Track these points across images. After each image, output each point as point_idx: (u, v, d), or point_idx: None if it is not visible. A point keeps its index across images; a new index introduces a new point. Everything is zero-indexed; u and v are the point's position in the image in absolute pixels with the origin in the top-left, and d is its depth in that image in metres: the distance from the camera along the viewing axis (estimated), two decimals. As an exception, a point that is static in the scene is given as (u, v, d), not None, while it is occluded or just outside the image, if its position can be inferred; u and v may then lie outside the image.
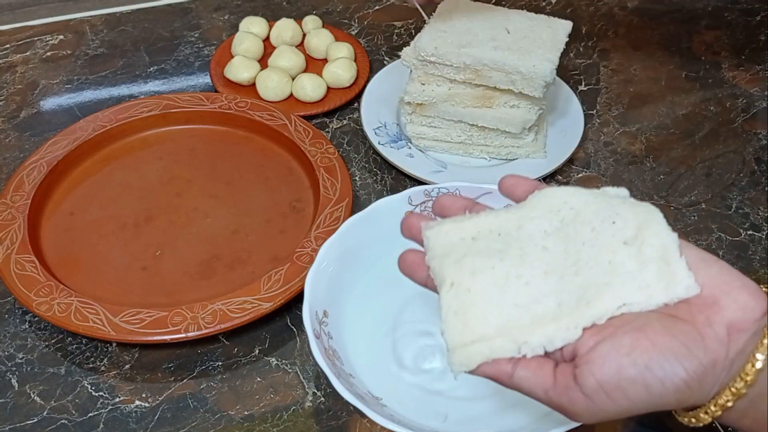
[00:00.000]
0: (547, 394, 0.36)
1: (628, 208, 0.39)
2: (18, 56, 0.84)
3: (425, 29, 0.67)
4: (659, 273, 0.36)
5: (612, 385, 0.34)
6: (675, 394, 0.34)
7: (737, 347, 0.34)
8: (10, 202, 0.63)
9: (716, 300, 0.35)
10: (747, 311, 0.35)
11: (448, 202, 0.44)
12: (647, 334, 0.34)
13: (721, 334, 0.34)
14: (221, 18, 0.90)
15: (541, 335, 0.36)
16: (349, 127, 0.76)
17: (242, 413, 0.54)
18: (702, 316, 0.35)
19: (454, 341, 0.37)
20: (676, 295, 0.36)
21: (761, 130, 0.77)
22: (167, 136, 0.73)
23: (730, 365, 0.34)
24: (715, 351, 0.34)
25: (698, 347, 0.34)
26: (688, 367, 0.34)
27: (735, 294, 0.35)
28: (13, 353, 0.57)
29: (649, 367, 0.33)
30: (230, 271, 0.62)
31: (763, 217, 0.68)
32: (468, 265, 0.39)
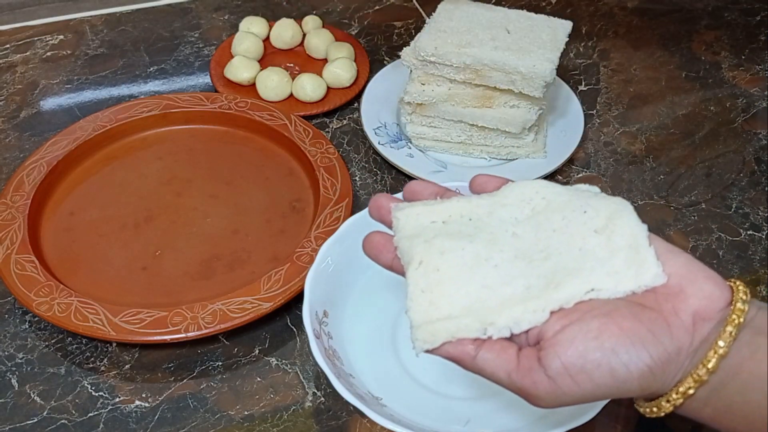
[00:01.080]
0: (509, 377, 0.36)
1: (600, 200, 0.40)
2: (18, 56, 0.84)
3: (425, 29, 0.67)
4: (628, 261, 0.36)
5: (577, 368, 0.34)
6: (639, 380, 0.34)
7: (701, 336, 0.35)
8: (10, 202, 0.63)
9: (682, 289, 0.36)
10: (712, 300, 0.35)
11: (419, 187, 0.44)
12: (615, 319, 0.35)
13: (686, 323, 0.35)
14: (221, 18, 0.90)
15: (508, 316, 0.36)
16: (349, 127, 0.76)
17: (242, 413, 0.54)
18: (668, 304, 0.35)
19: (419, 318, 0.37)
20: (644, 283, 0.36)
21: (761, 130, 0.77)
22: (167, 136, 0.73)
23: (693, 353, 0.34)
24: (680, 338, 0.34)
25: (664, 334, 0.34)
26: (653, 352, 0.34)
27: (701, 284, 0.36)
28: (13, 353, 0.57)
29: (615, 351, 0.34)
30: (230, 271, 0.62)
31: (763, 217, 0.68)
32: (437, 245, 0.39)
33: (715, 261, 0.65)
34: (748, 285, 0.37)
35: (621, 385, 0.34)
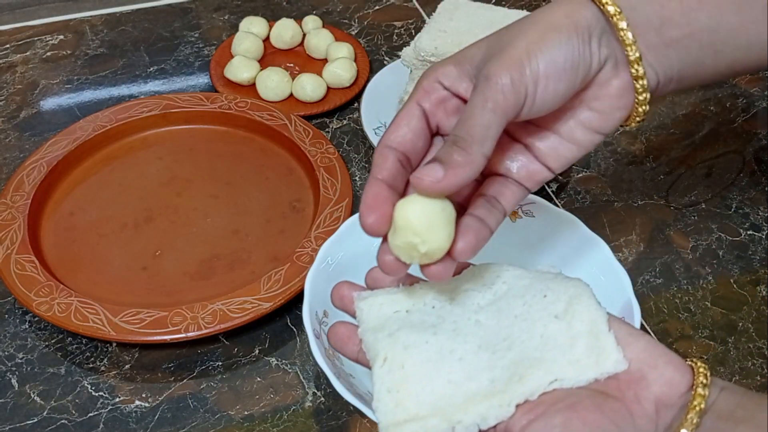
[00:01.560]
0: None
1: (560, 282, 0.40)
2: (18, 56, 0.84)
3: (425, 29, 0.67)
4: (589, 348, 0.37)
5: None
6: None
7: (665, 423, 0.35)
8: (10, 202, 0.63)
9: (644, 375, 0.36)
10: (673, 386, 0.35)
11: (380, 275, 0.43)
12: (578, 413, 0.35)
13: (649, 411, 0.35)
14: (221, 18, 0.90)
15: (475, 413, 0.36)
16: (349, 127, 0.76)
17: (242, 413, 0.54)
18: (631, 392, 0.35)
19: (387, 420, 0.37)
20: (606, 371, 0.36)
21: (761, 130, 0.77)
22: (167, 136, 0.73)
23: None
24: (644, 427, 0.34)
25: (628, 424, 0.34)
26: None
27: (661, 369, 0.36)
28: (13, 353, 0.57)
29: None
30: (230, 271, 0.62)
31: (763, 217, 0.68)
32: (402, 339, 0.39)
33: (715, 261, 0.65)
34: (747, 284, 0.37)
35: None
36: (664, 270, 0.64)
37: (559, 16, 0.38)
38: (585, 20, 0.38)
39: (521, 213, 0.57)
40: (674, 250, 0.66)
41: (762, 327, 0.60)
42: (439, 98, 0.39)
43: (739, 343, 0.59)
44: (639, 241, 0.66)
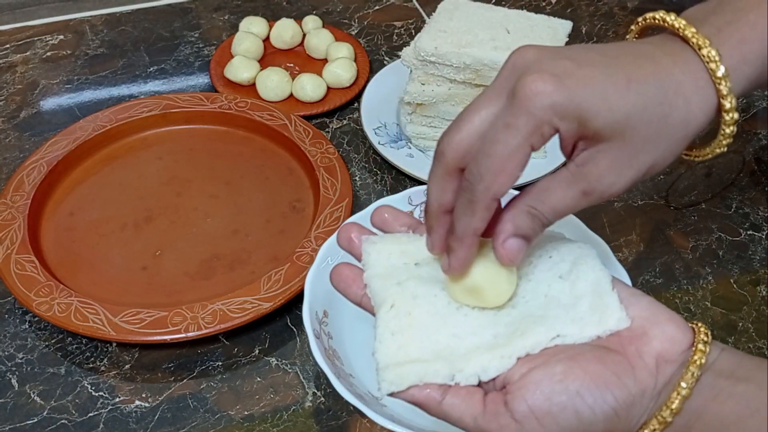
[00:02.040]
0: (476, 422, 0.35)
1: (564, 244, 0.40)
2: (18, 56, 0.84)
3: (425, 29, 0.67)
4: (592, 306, 0.37)
5: (543, 411, 0.34)
6: (604, 422, 0.34)
7: (665, 378, 0.35)
8: (10, 202, 0.63)
9: (645, 332, 0.36)
10: (674, 343, 0.35)
11: (390, 216, 0.43)
12: (579, 363, 0.35)
13: (650, 365, 0.35)
14: (221, 18, 0.90)
15: (476, 364, 0.36)
16: (349, 127, 0.76)
17: (242, 413, 0.54)
18: (632, 347, 0.36)
19: (386, 360, 0.37)
20: (608, 328, 0.36)
21: (761, 130, 0.77)
22: (167, 136, 0.73)
23: (657, 395, 0.35)
24: (644, 381, 0.35)
25: (628, 376, 0.35)
26: (617, 395, 0.34)
27: (663, 326, 0.36)
28: (13, 353, 0.57)
29: (580, 393, 0.34)
30: (230, 271, 0.62)
31: (763, 217, 0.68)
32: (410, 289, 0.39)
33: (715, 261, 0.65)
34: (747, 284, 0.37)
35: (586, 427, 0.34)
36: (664, 270, 0.64)
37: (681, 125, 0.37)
38: (700, 127, 0.38)
39: (521, 213, 0.57)
40: (674, 250, 0.66)
41: (762, 327, 0.60)
42: (547, 140, 0.35)
43: (739, 343, 0.59)
44: (639, 241, 0.66)
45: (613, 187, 0.36)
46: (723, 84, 0.36)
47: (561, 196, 0.36)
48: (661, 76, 0.35)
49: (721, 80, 0.36)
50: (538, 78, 0.33)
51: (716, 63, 0.36)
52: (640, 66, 0.35)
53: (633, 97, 0.34)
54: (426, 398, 0.36)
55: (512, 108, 0.34)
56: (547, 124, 0.34)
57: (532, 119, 0.33)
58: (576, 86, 0.33)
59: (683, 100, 0.36)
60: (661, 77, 0.35)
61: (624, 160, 0.35)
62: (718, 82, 0.36)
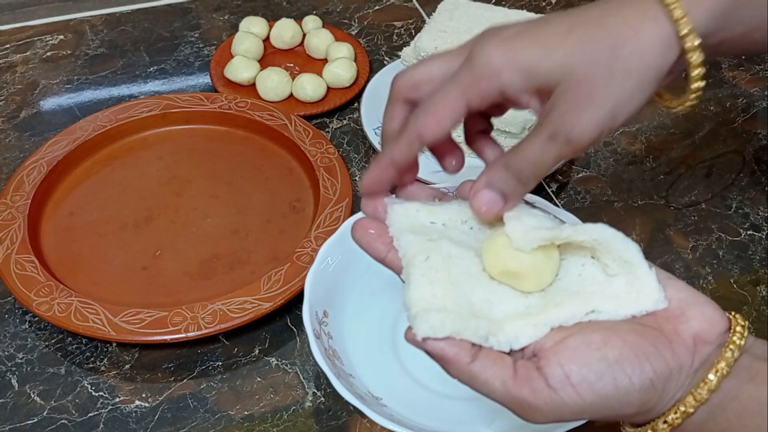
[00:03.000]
0: (505, 386, 0.34)
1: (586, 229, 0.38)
2: (18, 56, 0.84)
3: (425, 29, 0.67)
4: (629, 285, 0.36)
5: (580, 377, 0.33)
6: (640, 392, 0.34)
7: (702, 357, 0.35)
8: (10, 202, 0.63)
9: (683, 312, 0.36)
10: (713, 324, 0.35)
11: (416, 189, 0.42)
12: (617, 333, 0.35)
13: (688, 342, 0.35)
14: (221, 18, 0.90)
15: (509, 331, 0.35)
16: (349, 127, 0.76)
17: (242, 413, 0.54)
18: (669, 325, 0.35)
19: (425, 305, 0.35)
20: (645, 308, 0.36)
21: (761, 130, 0.77)
22: (167, 136, 0.73)
23: (694, 373, 0.34)
24: (682, 356, 0.34)
25: (666, 350, 0.34)
26: (656, 366, 0.34)
27: (701, 307, 0.36)
28: (13, 353, 0.57)
29: (619, 362, 0.33)
30: (230, 271, 0.62)
31: (763, 217, 0.68)
32: (445, 248, 0.38)
33: (715, 261, 0.65)
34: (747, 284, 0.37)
35: (622, 397, 0.34)
36: (664, 270, 0.64)
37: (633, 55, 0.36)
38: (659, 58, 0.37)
39: (521, 213, 0.57)
40: (674, 250, 0.66)
41: (762, 327, 0.60)
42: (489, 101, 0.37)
43: (739, 343, 0.59)
44: (639, 241, 0.66)
45: (577, 128, 0.36)
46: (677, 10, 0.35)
47: (530, 146, 0.37)
48: (605, 15, 0.36)
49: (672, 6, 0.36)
50: (488, 42, 0.37)
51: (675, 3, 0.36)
52: (587, 10, 0.37)
53: (573, 38, 0.36)
54: (456, 356, 0.35)
55: (462, 68, 0.37)
56: (485, 79, 0.36)
57: (470, 74, 0.36)
58: (516, 43, 0.36)
59: (631, 31, 0.36)
60: (605, 16, 0.36)
61: (581, 98, 0.36)
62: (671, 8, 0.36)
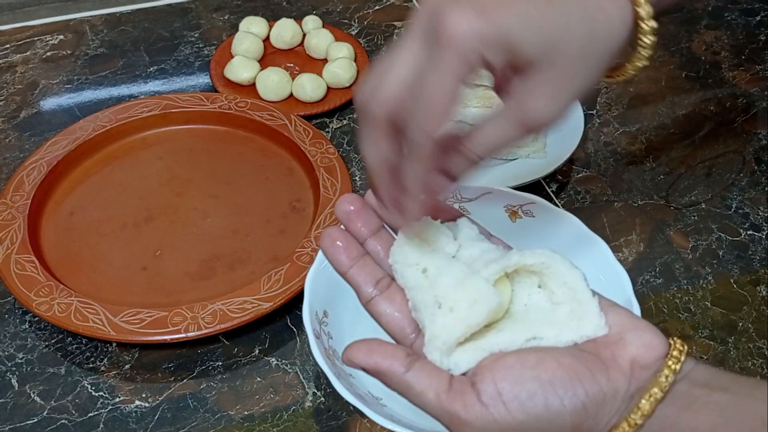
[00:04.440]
0: (438, 398, 0.34)
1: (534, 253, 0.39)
2: (18, 56, 0.84)
3: (425, 29, 0.67)
4: (572, 312, 0.37)
5: (511, 395, 0.33)
6: (572, 415, 0.33)
7: (639, 383, 0.34)
8: (10, 202, 0.63)
9: (622, 337, 0.35)
10: (651, 349, 0.35)
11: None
12: (553, 355, 0.35)
13: (624, 368, 0.35)
14: (221, 18, 0.90)
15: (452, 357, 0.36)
16: (349, 127, 0.76)
17: (242, 413, 0.54)
18: (607, 351, 0.35)
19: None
20: (586, 334, 0.36)
21: (761, 130, 0.77)
22: (167, 136, 0.73)
23: (630, 398, 0.34)
24: (617, 381, 0.34)
25: (602, 374, 0.34)
26: (589, 390, 0.34)
27: (640, 332, 0.36)
28: (13, 353, 0.57)
29: (551, 383, 0.33)
30: (230, 271, 0.62)
31: (763, 217, 0.68)
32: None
33: (715, 261, 0.65)
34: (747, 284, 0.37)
35: (553, 418, 0.33)
36: (664, 270, 0.64)
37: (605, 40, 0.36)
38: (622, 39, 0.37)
39: (521, 213, 0.57)
40: (674, 250, 0.66)
41: (762, 327, 0.60)
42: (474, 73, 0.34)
43: (739, 343, 0.59)
44: (639, 241, 0.66)
45: (548, 114, 0.36)
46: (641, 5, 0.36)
47: (495, 129, 0.36)
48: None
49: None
50: (458, 12, 0.33)
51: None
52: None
53: (555, 17, 0.34)
54: (390, 367, 0.35)
55: (438, 48, 0.33)
56: (474, 53, 0.33)
57: (458, 54, 0.33)
58: (498, 14, 0.33)
59: (603, 14, 0.36)
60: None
61: (557, 83, 0.35)
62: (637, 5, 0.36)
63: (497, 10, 0.33)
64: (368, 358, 0.35)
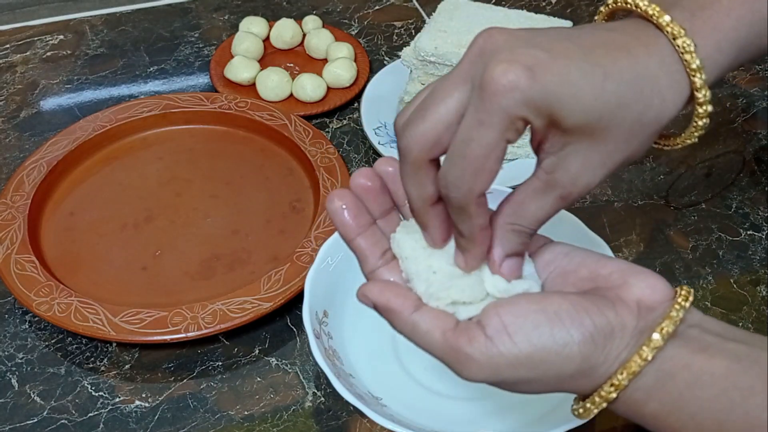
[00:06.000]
0: (444, 335, 0.34)
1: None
2: (18, 56, 0.84)
3: (425, 29, 0.67)
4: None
5: (516, 327, 0.33)
6: (579, 345, 0.33)
7: (646, 323, 0.34)
8: (10, 202, 0.63)
9: (626, 281, 0.35)
10: (656, 291, 0.35)
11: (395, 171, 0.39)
12: (559, 293, 0.35)
13: (631, 306, 0.34)
14: (221, 18, 0.90)
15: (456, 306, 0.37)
16: (349, 127, 0.76)
17: (242, 413, 0.54)
18: (612, 293, 0.35)
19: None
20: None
21: (761, 130, 0.77)
22: (167, 136, 0.73)
23: (639, 335, 0.34)
24: (625, 316, 0.34)
25: (609, 309, 0.34)
26: (597, 321, 0.33)
27: (644, 275, 0.35)
28: (13, 353, 0.57)
29: (558, 314, 0.33)
30: (230, 271, 0.62)
31: (763, 217, 0.68)
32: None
33: (715, 261, 0.65)
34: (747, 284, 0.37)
35: (560, 349, 0.33)
36: (664, 270, 0.64)
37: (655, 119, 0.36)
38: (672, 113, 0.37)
39: (521, 213, 0.57)
40: (674, 250, 0.66)
41: (762, 327, 0.60)
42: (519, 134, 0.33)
43: (739, 343, 0.59)
44: (639, 241, 0.66)
45: (588, 186, 0.35)
46: (698, 76, 0.36)
47: (539, 207, 0.36)
48: (637, 71, 0.34)
49: (695, 72, 0.35)
50: (509, 69, 0.31)
51: (691, 54, 0.35)
52: (615, 60, 0.33)
53: (608, 96, 0.33)
54: (401, 306, 0.35)
55: (483, 102, 0.31)
56: (520, 119, 0.32)
57: (505, 115, 0.31)
58: (549, 80, 0.31)
59: (658, 97, 0.35)
60: (637, 72, 0.34)
61: (596, 160, 0.34)
62: (692, 74, 0.35)
63: (547, 71, 0.31)
64: (381, 295, 0.36)
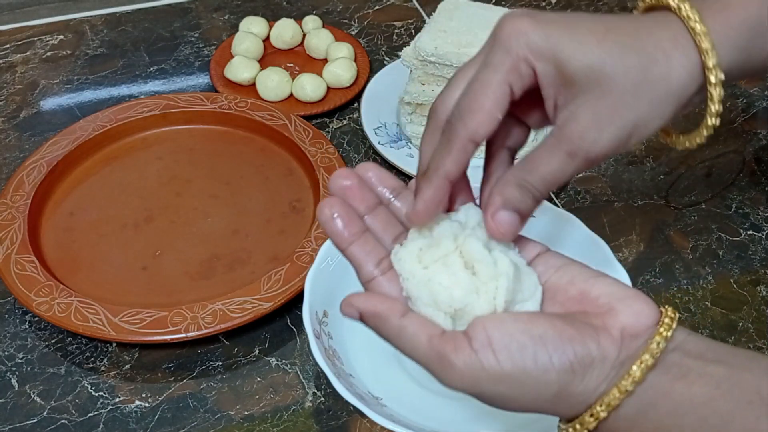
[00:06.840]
0: (431, 341, 0.35)
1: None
2: (18, 56, 0.84)
3: (425, 29, 0.67)
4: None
5: (501, 345, 0.33)
6: (558, 373, 0.33)
7: (629, 351, 0.34)
8: (10, 202, 0.63)
9: (612, 307, 0.35)
10: (641, 317, 0.35)
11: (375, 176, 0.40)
12: (545, 317, 0.35)
13: (614, 336, 0.34)
14: (221, 18, 0.90)
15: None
16: (349, 127, 0.76)
17: (242, 413, 0.54)
18: (598, 320, 0.35)
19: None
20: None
21: (761, 130, 0.77)
22: (167, 136, 0.73)
23: (620, 365, 0.34)
24: (607, 348, 0.34)
25: (591, 340, 0.34)
26: (578, 351, 0.34)
27: (630, 301, 0.35)
28: (13, 353, 0.57)
29: (542, 338, 0.33)
30: (230, 271, 0.62)
31: (763, 217, 0.68)
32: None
33: (715, 261, 0.65)
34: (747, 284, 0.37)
35: (540, 375, 0.33)
36: (664, 270, 0.64)
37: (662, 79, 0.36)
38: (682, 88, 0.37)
39: (521, 213, 0.57)
40: (674, 250, 0.66)
41: (762, 327, 0.60)
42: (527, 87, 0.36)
43: (739, 343, 0.59)
44: (639, 241, 0.66)
45: (597, 145, 0.35)
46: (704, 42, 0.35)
47: (547, 162, 0.36)
48: (640, 30, 0.35)
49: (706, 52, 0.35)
50: (516, 19, 0.35)
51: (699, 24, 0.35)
52: (620, 20, 0.36)
53: (609, 44, 0.35)
54: (387, 311, 0.36)
55: (490, 48, 0.35)
56: (523, 61, 0.34)
57: (508, 56, 0.34)
58: (553, 29, 0.34)
59: (663, 55, 0.35)
60: (640, 31, 0.35)
61: (604, 113, 0.35)
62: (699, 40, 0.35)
63: (552, 25, 0.35)
64: (366, 302, 0.36)
